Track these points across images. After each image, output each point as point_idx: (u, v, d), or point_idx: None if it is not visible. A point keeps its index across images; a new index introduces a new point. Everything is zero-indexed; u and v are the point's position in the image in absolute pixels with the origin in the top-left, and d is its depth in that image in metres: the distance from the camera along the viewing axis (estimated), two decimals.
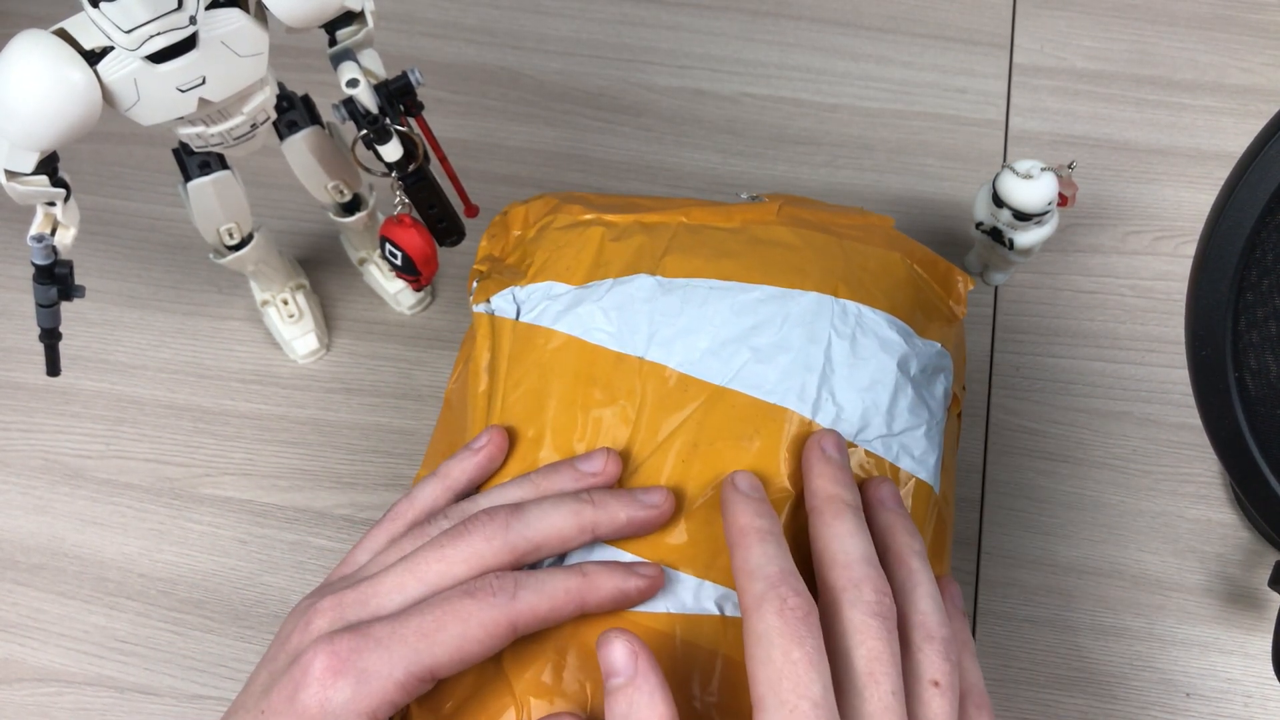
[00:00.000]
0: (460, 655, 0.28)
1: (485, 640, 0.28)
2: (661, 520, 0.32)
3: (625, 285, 0.38)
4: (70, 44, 0.34)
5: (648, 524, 0.32)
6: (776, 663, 0.26)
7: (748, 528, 0.29)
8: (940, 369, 0.39)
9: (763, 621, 0.26)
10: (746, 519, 0.30)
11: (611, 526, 0.32)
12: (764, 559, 0.28)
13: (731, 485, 0.32)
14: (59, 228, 0.38)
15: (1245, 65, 0.62)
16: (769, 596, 0.27)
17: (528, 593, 0.29)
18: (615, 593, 0.30)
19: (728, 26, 0.64)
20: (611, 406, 0.35)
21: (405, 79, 0.40)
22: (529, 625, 0.29)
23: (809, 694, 0.25)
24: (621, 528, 0.32)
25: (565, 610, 0.30)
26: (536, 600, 0.29)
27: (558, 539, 0.31)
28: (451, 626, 0.28)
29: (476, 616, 0.28)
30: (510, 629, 0.29)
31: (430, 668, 0.28)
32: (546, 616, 0.29)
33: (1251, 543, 0.47)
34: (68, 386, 0.52)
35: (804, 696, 0.25)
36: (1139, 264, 0.55)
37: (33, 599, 0.46)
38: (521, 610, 0.29)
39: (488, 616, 0.28)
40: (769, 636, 0.26)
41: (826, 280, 0.38)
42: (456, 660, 0.28)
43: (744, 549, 0.29)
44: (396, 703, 0.28)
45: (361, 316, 0.54)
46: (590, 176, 0.58)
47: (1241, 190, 0.36)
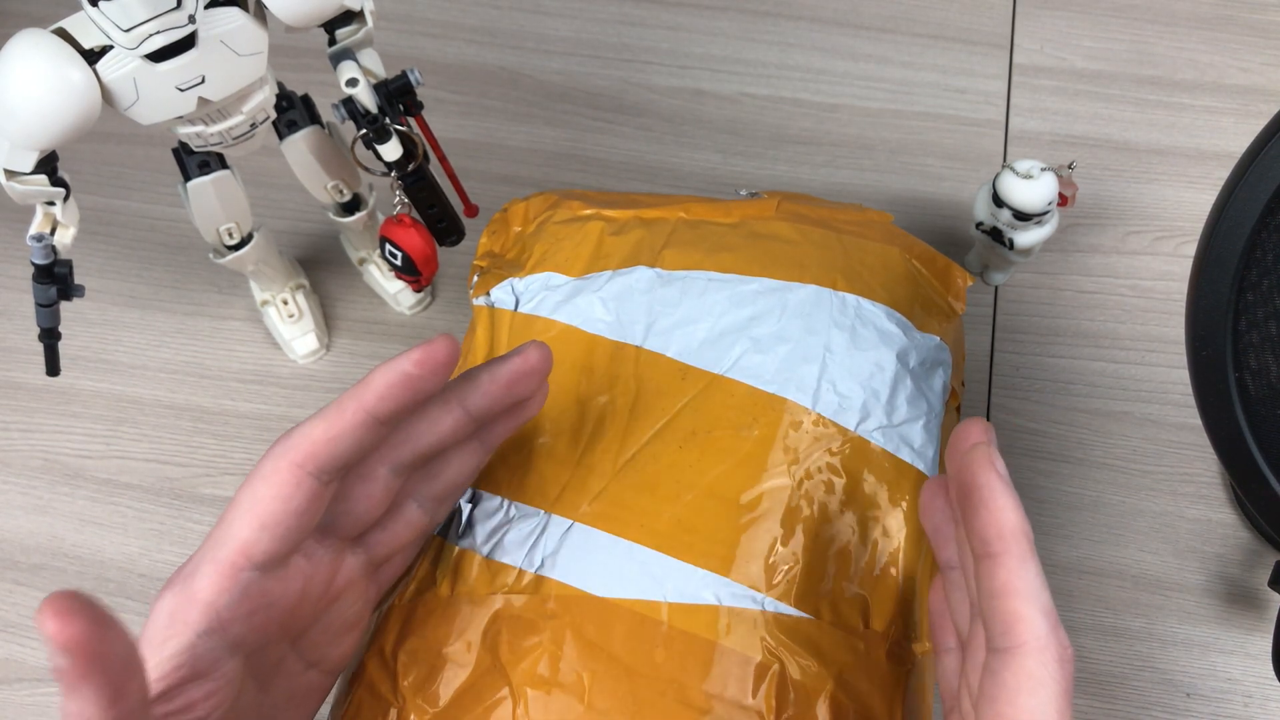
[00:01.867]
0: (260, 520, 0.26)
1: (279, 494, 0.26)
2: (528, 363, 0.31)
3: (624, 276, 0.38)
4: (70, 43, 0.34)
5: (516, 374, 0.31)
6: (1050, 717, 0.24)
7: (1019, 531, 0.25)
8: (939, 363, 0.39)
9: (1045, 668, 0.24)
10: (1016, 518, 0.25)
11: (478, 391, 0.31)
12: (1040, 584, 0.25)
13: (991, 464, 0.26)
14: (58, 227, 0.38)
15: (1245, 65, 0.62)
16: (1053, 640, 0.24)
17: (301, 425, 0.27)
18: (393, 378, 0.27)
19: (728, 26, 0.64)
20: (609, 394, 0.35)
21: (405, 79, 0.40)
22: (317, 455, 0.27)
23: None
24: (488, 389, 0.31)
25: (349, 421, 0.27)
26: (310, 426, 0.27)
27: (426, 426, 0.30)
28: (240, 499, 0.27)
29: (259, 474, 0.27)
30: (297, 469, 0.26)
31: (236, 548, 0.26)
32: (333, 437, 0.27)
33: (1251, 543, 0.47)
34: (68, 386, 0.52)
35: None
36: (1139, 264, 0.55)
37: (33, 599, 0.46)
38: (297, 443, 0.27)
39: (269, 468, 0.27)
40: (1047, 685, 0.24)
41: (825, 273, 0.38)
42: (259, 527, 0.26)
43: (1018, 560, 0.25)
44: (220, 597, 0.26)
45: (361, 316, 0.54)
46: (590, 176, 0.58)
47: (1241, 190, 0.36)
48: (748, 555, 0.33)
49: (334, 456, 0.27)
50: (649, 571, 0.32)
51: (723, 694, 0.30)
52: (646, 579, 0.32)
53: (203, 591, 0.26)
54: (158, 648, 0.25)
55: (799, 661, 0.31)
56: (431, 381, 0.28)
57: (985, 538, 0.25)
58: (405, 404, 0.28)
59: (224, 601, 0.26)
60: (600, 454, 0.35)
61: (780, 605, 0.32)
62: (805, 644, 0.32)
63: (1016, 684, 0.24)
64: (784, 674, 0.31)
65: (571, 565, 0.33)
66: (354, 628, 0.32)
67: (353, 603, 0.31)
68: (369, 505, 0.30)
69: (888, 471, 0.35)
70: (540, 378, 0.32)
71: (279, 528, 0.26)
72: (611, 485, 0.34)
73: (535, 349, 0.31)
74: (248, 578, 0.26)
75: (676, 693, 0.30)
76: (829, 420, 0.35)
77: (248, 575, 0.26)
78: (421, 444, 0.31)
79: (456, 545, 0.35)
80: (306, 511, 0.27)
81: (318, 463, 0.27)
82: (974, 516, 0.26)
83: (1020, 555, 0.25)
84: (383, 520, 0.32)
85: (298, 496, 0.27)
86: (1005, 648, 0.25)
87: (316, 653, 0.31)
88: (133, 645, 0.21)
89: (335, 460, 0.27)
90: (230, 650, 0.26)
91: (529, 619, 0.32)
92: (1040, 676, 0.24)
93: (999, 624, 0.25)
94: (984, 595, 0.26)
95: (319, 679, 0.31)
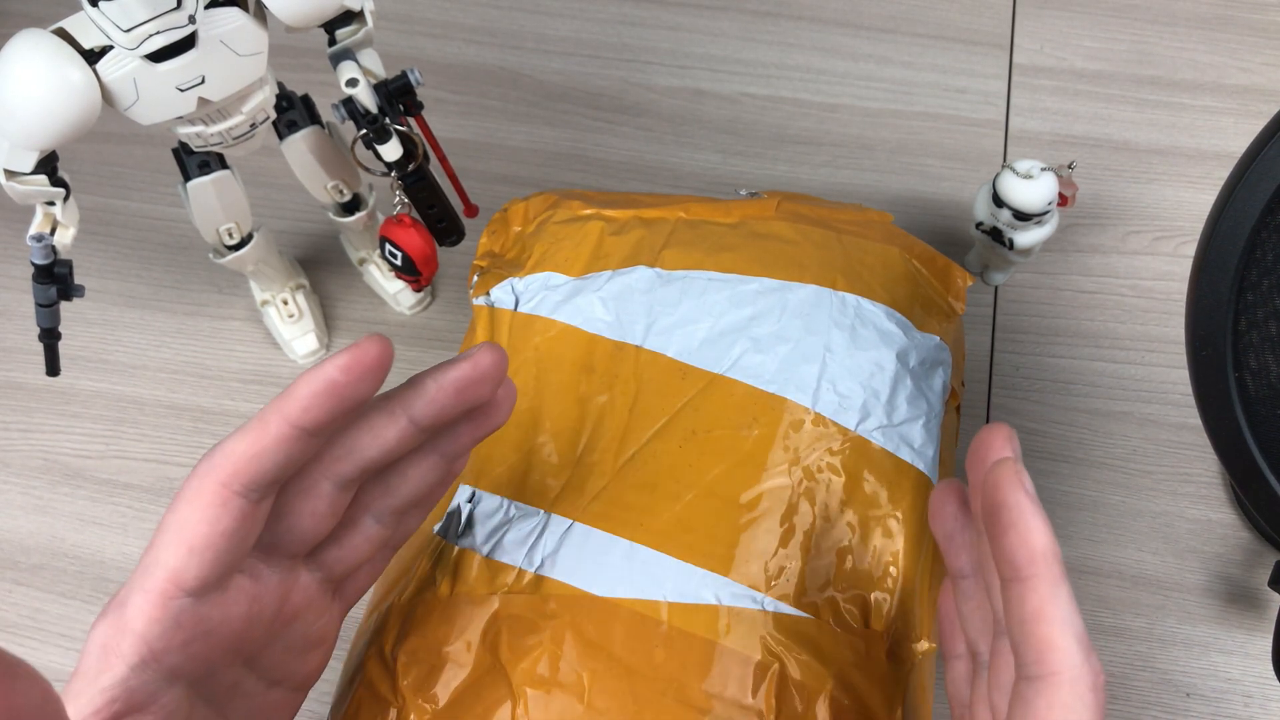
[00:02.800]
0: (187, 544, 0.25)
1: (204, 516, 0.25)
2: (478, 369, 0.28)
3: (624, 276, 0.38)
4: (70, 43, 0.34)
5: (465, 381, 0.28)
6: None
7: (1050, 554, 0.24)
8: (939, 363, 0.39)
9: (1080, 699, 0.24)
10: (1046, 540, 0.24)
11: (424, 399, 0.28)
12: (1073, 609, 0.24)
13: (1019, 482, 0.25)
14: (58, 227, 0.38)
15: (1245, 65, 0.62)
16: (1086, 669, 0.24)
17: (224, 442, 0.25)
18: (317, 386, 0.25)
19: (728, 26, 0.64)
20: (609, 394, 0.35)
21: (405, 79, 0.40)
22: (241, 473, 0.25)
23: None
24: (435, 397, 0.28)
25: (273, 434, 0.25)
26: (233, 443, 0.25)
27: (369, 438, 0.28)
28: (166, 524, 0.25)
29: (183, 496, 0.25)
30: (221, 488, 0.25)
31: (164, 576, 0.25)
32: (256, 453, 0.25)
33: (1251, 543, 0.47)
34: (68, 386, 0.52)
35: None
36: (1139, 264, 0.55)
37: (33, 599, 0.46)
38: (219, 461, 0.25)
39: (193, 488, 0.25)
40: (1080, 714, 0.23)
41: (825, 273, 0.38)
42: (186, 552, 0.25)
43: (1050, 586, 0.24)
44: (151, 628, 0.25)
45: (361, 316, 0.54)
46: (590, 176, 0.58)
47: (1241, 190, 0.36)
48: (748, 555, 0.33)
49: (261, 473, 0.25)
50: (649, 571, 0.32)
51: (723, 694, 0.30)
52: (646, 579, 0.32)
53: (133, 622, 0.24)
54: (91, 681, 0.24)
55: (799, 661, 0.31)
56: (362, 388, 0.25)
57: (1015, 561, 0.24)
58: (333, 414, 0.25)
59: (156, 632, 0.25)
60: (600, 453, 0.35)
61: (780, 605, 0.32)
62: (805, 644, 0.32)
63: (1050, 714, 0.24)
64: (784, 674, 0.31)
65: (571, 565, 0.33)
66: (320, 644, 0.30)
67: (314, 620, 0.30)
68: (314, 521, 0.28)
69: (888, 471, 0.35)
70: (494, 383, 0.29)
71: (209, 551, 0.25)
72: (611, 485, 0.34)
73: (487, 352, 0.28)
74: (180, 605, 0.25)
75: (676, 692, 0.30)
76: (829, 420, 0.35)
77: (179, 603, 0.25)
78: (365, 456, 0.28)
79: (456, 545, 0.35)
80: (237, 532, 0.25)
81: (243, 480, 0.25)
82: (1002, 538, 0.25)
83: (1052, 580, 0.24)
84: (337, 535, 0.30)
85: (225, 517, 0.25)
86: (1038, 676, 0.24)
87: (279, 671, 0.29)
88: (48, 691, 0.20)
89: (262, 477, 0.25)
90: (167, 681, 0.25)
91: (529, 619, 0.32)
92: (1074, 706, 0.23)
93: (1031, 651, 0.24)
94: (1014, 620, 0.25)
95: (285, 696, 0.30)
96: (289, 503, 0.28)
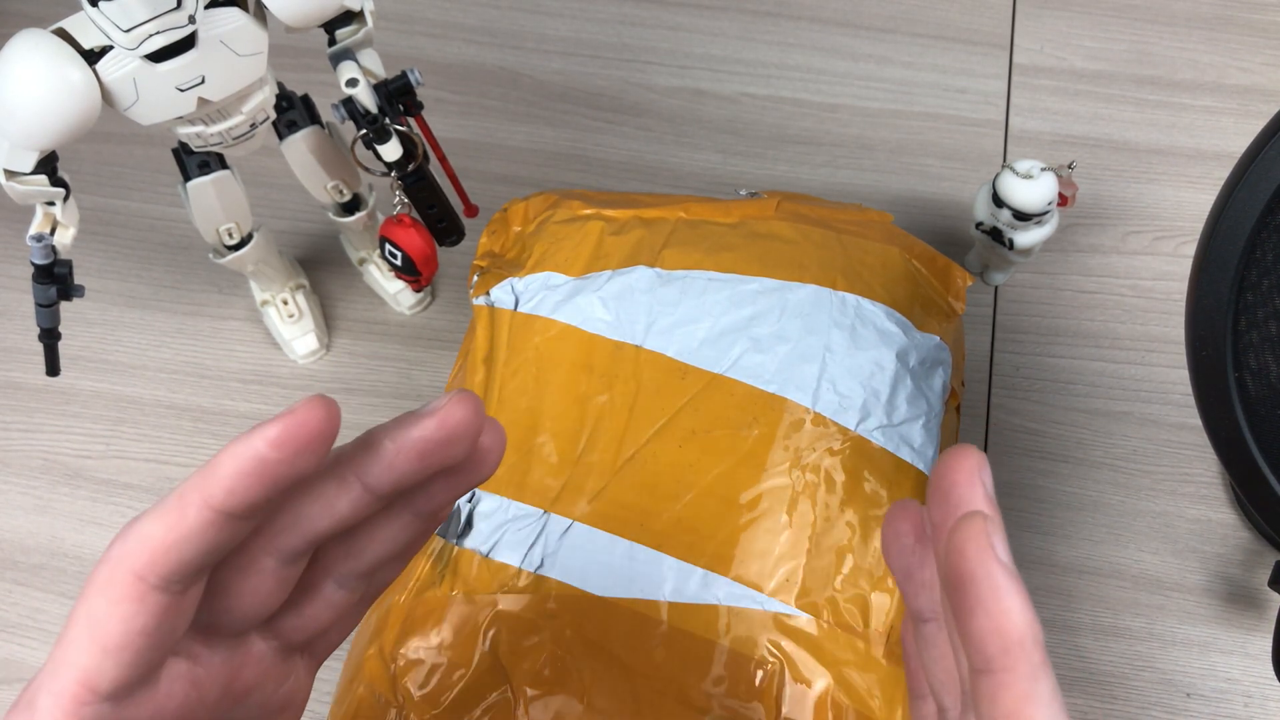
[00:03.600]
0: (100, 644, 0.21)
1: (118, 613, 0.21)
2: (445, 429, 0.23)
3: (624, 276, 0.38)
4: (70, 43, 0.34)
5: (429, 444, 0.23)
6: None
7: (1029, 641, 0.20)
8: (939, 362, 0.39)
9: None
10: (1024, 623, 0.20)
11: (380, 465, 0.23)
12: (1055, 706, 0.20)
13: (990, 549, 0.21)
14: (58, 227, 0.38)
15: (1245, 65, 0.62)
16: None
17: (138, 523, 0.21)
18: (243, 465, 0.21)
19: (728, 26, 0.64)
20: (609, 394, 0.35)
21: (404, 79, 0.40)
22: (157, 564, 0.21)
23: None
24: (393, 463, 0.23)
25: (193, 521, 0.21)
26: (148, 525, 0.21)
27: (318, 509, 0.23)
28: (77, 616, 0.21)
29: (94, 584, 0.21)
30: (137, 580, 0.21)
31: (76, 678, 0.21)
32: (173, 542, 0.21)
33: (1251, 543, 0.47)
34: (68, 386, 0.52)
35: None
36: (1139, 264, 0.55)
37: (33, 599, 0.46)
38: (134, 549, 0.21)
39: (103, 578, 0.21)
40: None
41: (825, 273, 0.38)
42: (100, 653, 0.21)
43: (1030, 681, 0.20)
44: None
45: (361, 316, 0.54)
46: (590, 176, 0.58)
47: (1241, 190, 0.36)
48: (748, 555, 0.33)
49: (181, 564, 0.21)
50: (649, 571, 0.32)
51: (723, 694, 0.30)
52: (646, 579, 0.32)
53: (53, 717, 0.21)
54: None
55: (799, 661, 0.31)
56: (298, 465, 0.21)
57: (985, 650, 0.20)
58: (263, 496, 0.21)
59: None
60: (600, 453, 0.35)
61: (780, 605, 0.32)
62: (805, 644, 0.32)
63: None
64: (784, 674, 0.31)
65: (571, 565, 0.33)
66: (287, 706, 0.27)
67: (274, 689, 0.26)
68: (257, 599, 0.24)
69: (888, 471, 0.35)
70: (467, 442, 0.24)
71: (125, 652, 0.21)
72: (611, 485, 0.34)
73: (458, 404, 0.23)
74: (95, 712, 0.21)
75: (676, 692, 0.30)
76: (829, 420, 0.35)
77: (95, 709, 0.21)
78: (314, 529, 0.24)
79: (456, 545, 0.35)
80: (158, 629, 0.22)
81: (160, 572, 0.21)
82: (969, 618, 0.21)
83: (1030, 673, 0.20)
84: (294, 603, 0.26)
85: (142, 614, 0.21)
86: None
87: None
88: None
89: (184, 567, 0.21)
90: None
91: (529, 619, 0.32)
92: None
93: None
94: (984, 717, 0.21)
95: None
96: (226, 580, 0.24)
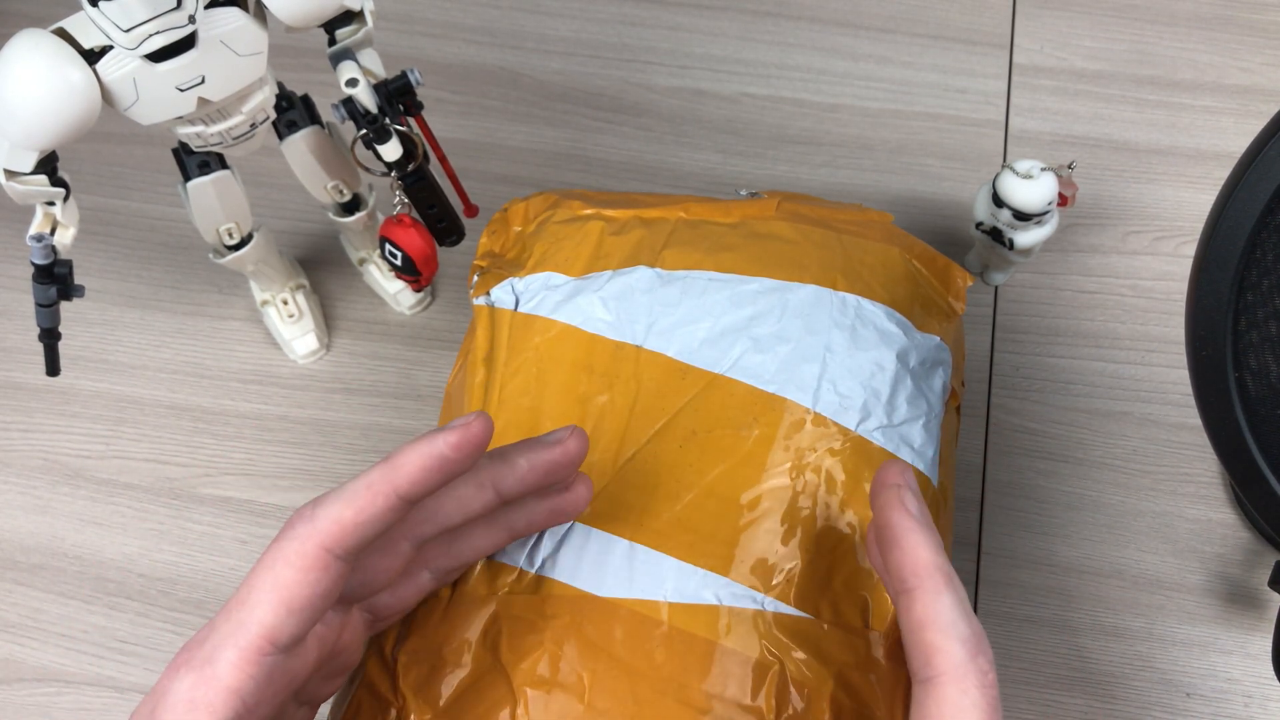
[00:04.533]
0: (286, 605, 0.25)
1: (305, 579, 0.26)
2: (567, 455, 0.30)
3: (625, 276, 0.38)
4: (69, 43, 0.34)
5: (555, 465, 0.30)
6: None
7: (932, 566, 0.26)
8: (939, 363, 0.39)
9: (965, 695, 0.25)
10: (929, 554, 0.26)
11: (514, 476, 0.30)
12: (956, 614, 0.26)
13: (901, 505, 0.28)
14: (58, 227, 0.38)
15: (1245, 65, 0.62)
16: (971, 668, 0.25)
17: (326, 506, 0.26)
18: (428, 461, 0.26)
19: (728, 26, 0.64)
20: (609, 394, 0.35)
21: (404, 79, 0.40)
22: (345, 539, 0.26)
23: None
24: (524, 476, 0.30)
25: (379, 505, 0.26)
26: (338, 509, 0.26)
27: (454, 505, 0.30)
28: (262, 582, 0.26)
29: (282, 557, 0.26)
30: (324, 552, 0.26)
31: (261, 633, 0.25)
32: (361, 522, 0.26)
33: (1251, 543, 0.47)
34: (68, 386, 0.52)
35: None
36: (1139, 264, 0.55)
37: (33, 599, 0.46)
38: (324, 526, 0.26)
39: (291, 550, 0.26)
40: (968, 711, 0.25)
41: (825, 273, 0.38)
42: (285, 613, 0.25)
43: (933, 594, 0.26)
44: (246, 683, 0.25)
45: (361, 316, 0.54)
46: (590, 176, 0.58)
47: (1241, 190, 0.36)
48: (748, 555, 0.33)
49: (362, 540, 0.26)
50: (649, 571, 0.32)
51: (723, 694, 0.30)
52: (646, 579, 0.32)
53: (227, 678, 0.25)
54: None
55: (799, 661, 0.31)
56: (466, 464, 0.27)
57: (901, 575, 0.27)
58: (436, 486, 0.27)
59: (250, 688, 0.25)
60: (600, 453, 0.35)
61: (780, 605, 0.32)
62: (805, 644, 0.32)
63: (940, 712, 0.25)
64: (784, 674, 0.31)
65: (571, 565, 0.33)
66: (347, 670, 0.32)
67: (353, 655, 0.31)
68: (385, 577, 0.30)
69: None
70: (575, 467, 0.31)
71: (305, 611, 0.26)
72: (611, 485, 0.34)
73: (576, 440, 0.30)
74: (272, 662, 0.26)
75: (676, 693, 0.30)
76: (829, 420, 0.35)
77: (272, 660, 0.26)
78: (447, 521, 0.30)
79: None
80: (331, 593, 0.26)
81: (346, 546, 0.26)
82: (889, 556, 0.27)
83: (934, 589, 0.26)
84: (394, 584, 0.31)
85: (325, 580, 0.26)
86: (926, 678, 0.26)
87: (311, 694, 0.31)
88: None
89: (363, 543, 0.26)
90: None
91: (529, 619, 0.32)
92: (961, 704, 0.25)
93: (919, 656, 0.26)
94: (905, 631, 0.26)
95: (307, 714, 0.31)
96: (369, 558, 0.29)
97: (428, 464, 0.26)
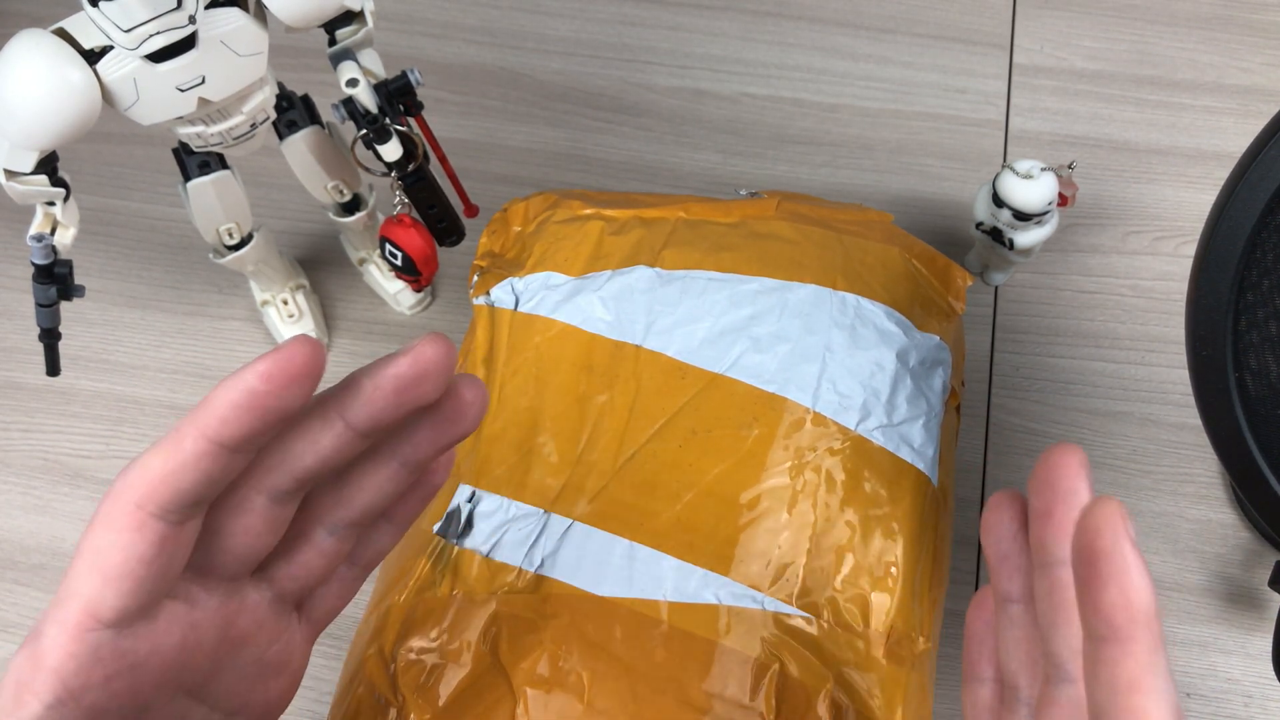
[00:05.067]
0: (101, 572, 0.23)
1: (119, 541, 0.23)
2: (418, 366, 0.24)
3: (624, 276, 0.38)
4: (70, 43, 0.34)
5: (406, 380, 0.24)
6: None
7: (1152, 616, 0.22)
8: (939, 362, 0.39)
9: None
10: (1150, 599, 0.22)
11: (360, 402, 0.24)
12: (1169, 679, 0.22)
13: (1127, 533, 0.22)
14: (59, 227, 0.38)
15: (1245, 65, 0.62)
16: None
17: (140, 458, 0.23)
18: (236, 397, 0.22)
19: (728, 26, 0.64)
20: (609, 393, 0.35)
21: (405, 79, 0.40)
22: (156, 494, 0.23)
23: None
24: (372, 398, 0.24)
25: (190, 451, 0.22)
26: (147, 459, 0.23)
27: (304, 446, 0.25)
28: (83, 551, 0.23)
29: (97, 518, 0.23)
30: (136, 511, 0.23)
31: (80, 606, 0.23)
32: (172, 472, 0.22)
33: (1251, 543, 0.47)
34: (68, 386, 0.52)
35: None
36: (1139, 264, 0.55)
37: (33, 599, 0.46)
38: (134, 480, 0.23)
39: (105, 511, 0.23)
40: None
41: (825, 273, 0.38)
42: (101, 581, 0.23)
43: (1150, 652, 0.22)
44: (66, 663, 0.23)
45: (361, 316, 0.54)
46: (590, 176, 0.58)
47: (1241, 190, 0.36)
48: (748, 555, 0.33)
49: (178, 494, 0.23)
50: (649, 571, 0.32)
51: (723, 693, 0.30)
52: (646, 579, 0.32)
53: (48, 657, 0.23)
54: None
55: (799, 661, 0.31)
56: (287, 398, 0.22)
57: (1113, 621, 0.22)
58: (256, 428, 0.23)
59: (72, 668, 0.23)
60: (600, 453, 0.35)
61: (780, 605, 0.32)
62: (805, 643, 0.32)
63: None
64: (784, 673, 0.31)
65: (571, 565, 0.33)
66: (282, 669, 0.28)
67: (268, 643, 0.28)
68: (249, 539, 0.26)
69: (888, 471, 0.35)
70: (439, 380, 0.25)
71: (126, 580, 0.23)
72: (611, 485, 0.34)
73: (429, 343, 0.24)
74: (98, 639, 0.23)
75: (676, 692, 0.30)
76: (829, 419, 0.35)
77: (97, 636, 0.23)
78: (300, 466, 0.25)
79: (456, 545, 0.35)
80: (157, 558, 0.23)
81: (159, 502, 0.23)
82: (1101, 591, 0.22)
83: (1151, 645, 0.22)
84: (286, 550, 0.27)
85: (141, 543, 0.23)
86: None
87: (233, 700, 0.27)
88: None
89: (181, 498, 0.23)
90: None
91: (529, 619, 0.32)
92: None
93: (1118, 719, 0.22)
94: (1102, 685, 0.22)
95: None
96: (220, 520, 0.25)
97: (237, 400, 0.22)
